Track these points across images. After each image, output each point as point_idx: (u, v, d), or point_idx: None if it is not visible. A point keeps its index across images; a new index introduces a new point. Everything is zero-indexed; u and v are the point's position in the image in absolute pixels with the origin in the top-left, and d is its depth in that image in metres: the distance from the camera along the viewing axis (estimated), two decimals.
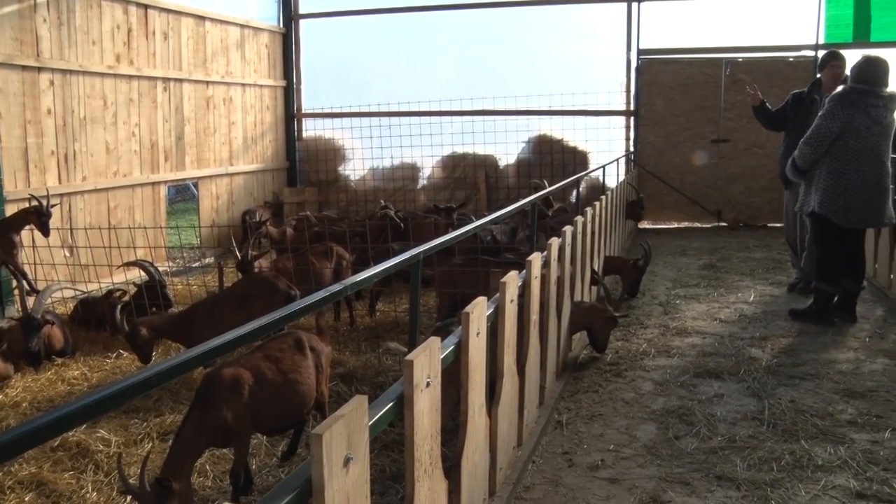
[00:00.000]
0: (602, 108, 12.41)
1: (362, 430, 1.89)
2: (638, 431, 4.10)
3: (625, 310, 6.54)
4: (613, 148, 12.27)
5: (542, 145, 12.59)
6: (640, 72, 12.07)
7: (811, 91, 7.07)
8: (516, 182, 12.55)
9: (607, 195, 7.23)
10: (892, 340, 5.74)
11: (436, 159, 13.05)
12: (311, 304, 2.42)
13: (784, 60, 11.71)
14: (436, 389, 2.39)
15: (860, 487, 3.43)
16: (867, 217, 5.89)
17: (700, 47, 12.05)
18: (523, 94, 12.29)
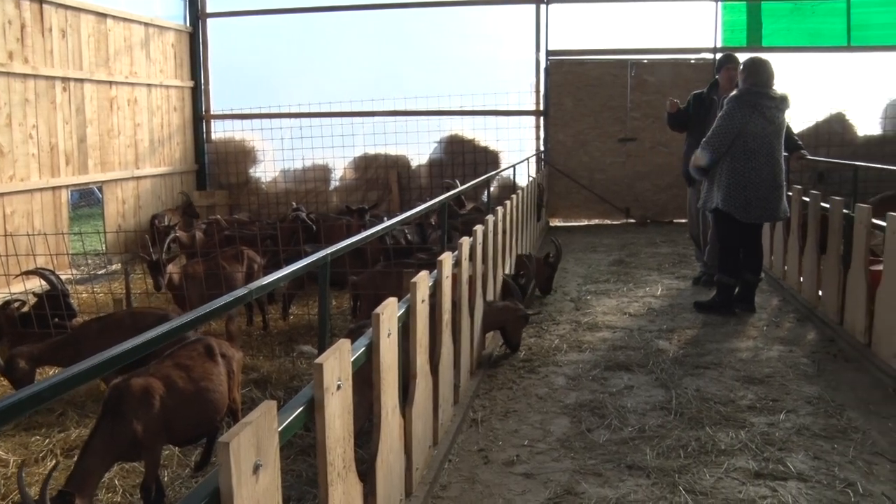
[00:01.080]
0: (512, 109, 12.59)
1: (272, 436, 1.87)
2: (552, 426, 4.17)
3: (537, 307, 6.66)
4: (524, 147, 12.48)
5: (454, 145, 12.69)
6: (549, 72, 12.30)
7: (710, 92, 7.38)
8: (428, 182, 12.61)
9: (518, 194, 7.34)
10: (787, 328, 6.03)
11: (348, 160, 12.99)
12: (213, 310, 2.36)
13: (686, 62, 12.14)
14: (347, 392, 2.38)
15: (758, 467, 3.58)
16: (765, 212, 6.17)
17: (607, 49, 12.37)
18: (435, 94, 12.37)
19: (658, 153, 12.14)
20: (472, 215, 8.29)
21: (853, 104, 12.45)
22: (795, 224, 6.92)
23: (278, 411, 1.99)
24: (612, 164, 12.32)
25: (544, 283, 7.10)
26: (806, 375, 4.90)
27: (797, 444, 3.84)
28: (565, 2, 12.30)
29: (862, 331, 5.27)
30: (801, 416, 4.23)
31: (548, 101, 12.37)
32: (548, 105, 12.38)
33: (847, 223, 5.62)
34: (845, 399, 4.47)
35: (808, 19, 12.10)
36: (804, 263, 6.68)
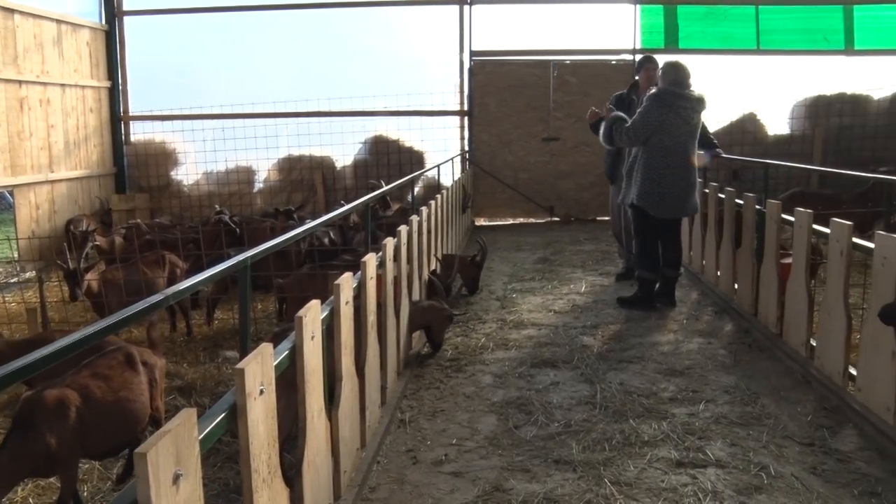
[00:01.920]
0: (437, 109, 12.63)
1: (192, 444, 1.83)
2: (479, 424, 4.20)
3: (463, 306, 6.70)
4: (449, 147, 12.52)
5: (379, 146, 12.67)
6: (473, 73, 12.39)
7: (630, 92, 7.58)
8: (354, 183, 12.54)
9: (443, 194, 7.36)
10: (706, 321, 6.23)
11: (272, 162, 12.82)
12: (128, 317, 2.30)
13: (607, 63, 12.40)
14: (270, 397, 2.34)
15: (680, 457, 3.69)
16: (677, 208, 6.36)
17: (529, 50, 12.53)
18: (359, 94, 12.31)
19: (581, 152, 12.37)
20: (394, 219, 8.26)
21: (764, 105, 12.95)
22: (712, 220, 7.14)
23: (199, 419, 1.96)
24: (535, 163, 12.49)
25: (471, 282, 7.15)
26: (723, 366, 5.07)
27: (715, 433, 3.97)
28: (488, 3, 12.40)
29: (774, 321, 5.48)
30: (719, 405, 4.37)
31: (472, 102, 12.45)
32: (472, 105, 12.46)
33: (759, 219, 5.84)
34: (759, 387, 4.65)
35: (721, 23, 12.54)
36: (721, 258, 6.91)
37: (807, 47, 12.60)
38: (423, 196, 10.90)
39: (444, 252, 7.47)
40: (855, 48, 12.62)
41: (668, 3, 12.47)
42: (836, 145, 12.84)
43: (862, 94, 12.92)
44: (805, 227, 4.91)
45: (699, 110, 6.28)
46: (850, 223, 4.36)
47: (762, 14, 12.55)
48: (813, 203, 7.95)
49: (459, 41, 12.41)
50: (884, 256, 3.91)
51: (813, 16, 12.56)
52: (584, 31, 12.72)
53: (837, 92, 12.86)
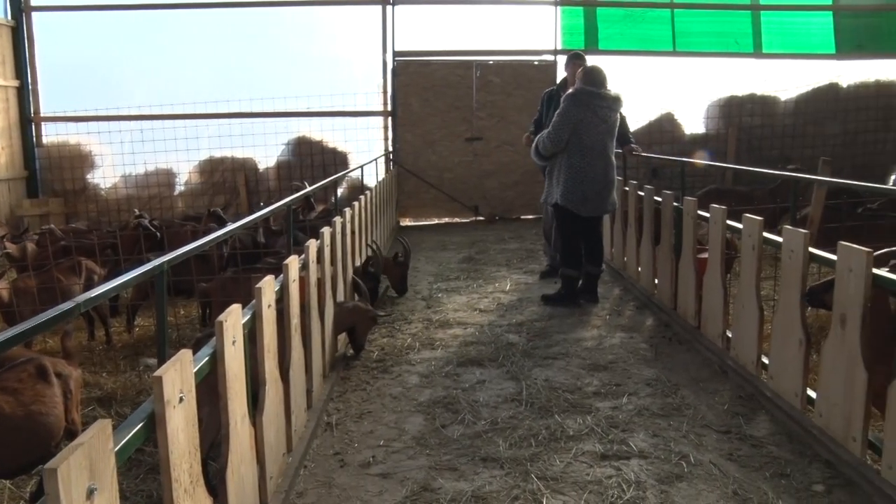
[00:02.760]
0: (360, 109, 12.57)
1: (107, 457, 1.77)
2: (406, 424, 4.19)
3: (389, 307, 6.69)
4: (373, 148, 12.48)
5: (303, 147, 12.53)
6: (396, 73, 12.37)
7: (559, 89, 7.72)
8: (277, 185, 12.37)
9: (367, 195, 7.33)
10: (628, 316, 6.37)
11: (193, 164, 12.53)
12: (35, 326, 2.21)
13: (529, 64, 12.56)
14: (190, 404, 2.29)
15: (604, 449, 3.77)
16: (598, 206, 6.49)
17: (452, 50, 12.58)
18: (282, 95, 12.15)
19: (504, 151, 12.49)
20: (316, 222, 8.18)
21: (680, 104, 13.35)
22: (633, 217, 7.31)
23: (115, 430, 1.90)
24: (459, 163, 12.56)
25: (398, 282, 7.13)
26: (645, 359, 5.20)
27: (638, 425, 4.07)
28: (411, 3, 12.40)
29: (692, 315, 5.65)
30: (642, 397, 4.48)
31: (395, 102, 12.44)
32: (395, 105, 12.45)
33: (677, 215, 6.01)
34: (679, 379, 4.79)
35: (639, 25, 12.87)
36: (641, 254, 7.07)
37: (719, 49, 13.06)
38: (348, 197, 10.83)
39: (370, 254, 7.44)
40: (763, 51, 13.16)
41: (587, 5, 12.72)
42: (749, 144, 13.35)
43: (770, 96, 13.46)
44: (719, 222, 5.08)
45: (616, 109, 6.42)
46: (760, 218, 4.53)
47: (677, 17, 12.95)
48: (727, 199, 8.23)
49: (382, 41, 12.38)
50: (791, 250, 4.07)
51: (724, 20, 13.03)
52: (507, 31, 12.87)
53: (748, 93, 13.37)
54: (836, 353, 3.64)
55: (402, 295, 7.14)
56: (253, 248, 7.31)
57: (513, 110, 12.42)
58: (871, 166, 13.73)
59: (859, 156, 13.65)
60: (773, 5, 13.10)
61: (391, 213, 11.18)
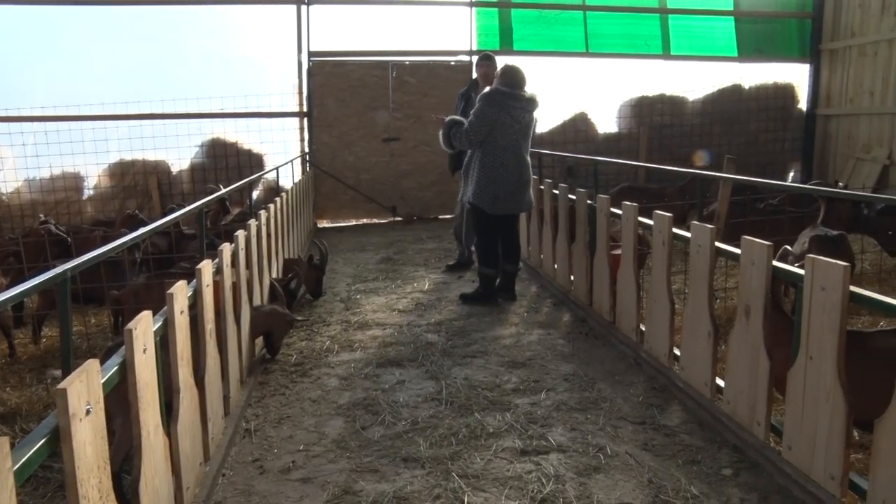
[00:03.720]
0: (276, 110, 12.38)
1: (4, 477, 1.69)
2: (326, 428, 4.16)
3: (307, 310, 6.62)
4: (289, 149, 12.31)
5: (217, 148, 12.26)
6: (312, 73, 12.22)
7: (469, 89, 7.81)
8: (191, 188, 12.07)
9: (282, 197, 7.23)
10: (545, 313, 6.47)
11: (102, 167, 12.07)
12: None
13: (445, 64, 12.60)
14: (98, 416, 2.21)
15: (524, 445, 3.82)
16: (512, 205, 6.57)
17: (368, 50, 12.50)
18: (194, 96, 11.84)
19: (421, 152, 12.52)
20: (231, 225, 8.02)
21: (594, 104, 13.65)
22: (548, 215, 7.43)
23: (13, 447, 1.81)
24: (377, 163, 12.52)
25: (313, 285, 7.06)
26: (563, 355, 5.29)
27: (556, 419, 4.14)
28: (326, 3, 12.28)
29: (607, 310, 5.79)
30: (560, 392, 4.56)
31: (311, 103, 12.29)
32: (311, 106, 12.30)
33: (591, 213, 6.13)
34: (595, 373, 4.89)
35: (553, 27, 13.09)
36: (557, 252, 7.19)
37: (630, 51, 13.42)
38: (264, 199, 10.65)
39: (287, 256, 7.34)
40: (671, 54, 13.58)
41: (502, 7, 12.86)
42: (659, 142, 13.77)
43: (679, 96, 13.92)
44: (631, 219, 5.22)
45: (530, 110, 6.50)
46: (670, 215, 4.67)
47: (590, 19, 13.22)
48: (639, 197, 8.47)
49: (297, 41, 12.21)
50: (699, 244, 4.21)
51: (635, 22, 13.40)
52: (423, 32, 12.87)
53: (658, 93, 13.78)
54: (742, 342, 3.79)
55: (318, 298, 7.07)
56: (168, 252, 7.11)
57: (429, 110, 12.41)
58: (772, 164, 14.41)
59: (762, 154, 14.29)
60: (680, 9, 13.55)
61: (308, 215, 11.06)
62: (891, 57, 12.50)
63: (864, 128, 13.19)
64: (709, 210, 7.11)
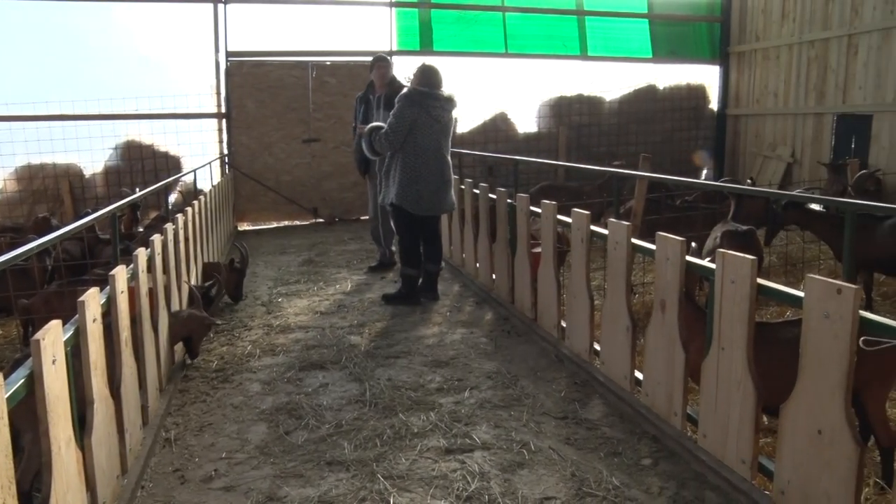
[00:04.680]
0: (193, 111, 12.09)
1: None
2: (249, 434, 4.09)
3: (227, 314, 6.50)
4: (207, 151, 12.03)
5: (132, 151, 11.89)
6: (230, 74, 11.98)
7: (367, 91, 7.81)
8: (105, 191, 11.68)
9: (201, 199, 7.08)
10: (468, 312, 6.51)
11: (8, 171, 11.55)
12: None
13: (365, 65, 12.48)
14: (3, 433, 2.12)
15: (448, 444, 3.84)
16: (435, 205, 6.59)
17: (288, 50, 12.34)
18: (108, 97, 11.45)
19: (342, 153, 12.43)
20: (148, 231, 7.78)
21: (514, 104, 13.82)
22: (469, 214, 7.48)
23: None
24: (297, 165, 12.37)
25: (233, 289, 6.93)
26: (486, 353, 5.34)
27: (481, 417, 4.18)
28: (243, 2, 12.06)
29: (529, 307, 5.86)
30: (483, 390, 4.60)
31: (230, 104, 12.05)
32: (230, 107, 12.06)
33: (511, 212, 6.21)
34: (518, 370, 4.96)
35: (473, 27, 13.19)
36: (479, 251, 7.25)
37: (548, 52, 13.64)
38: (182, 203, 10.40)
39: (207, 260, 7.19)
40: (588, 54, 13.87)
41: (422, 7, 12.89)
42: (578, 142, 14.05)
43: (596, 96, 14.23)
44: (550, 218, 5.30)
45: (449, 109, 6.54)
46: (587, 213, 4.76)
47: (509, 20, 13.38)
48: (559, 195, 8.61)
49: (215, 41, 11.95)
50: (616, 241, 4.32)
51: (553, 23, 13.63)
52: (343, 32, 12.77)
53: (576, 93, 14.05)
54: (658, 336, 3.90)
55: (238, 302, 6.95)
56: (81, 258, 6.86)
57: (349, 111, 12.33)
58: (686, 161, 14.88)
59: (676, 152, 14.75)
60: (596, 11, 13.84)
61: (228, 218, 10.85)
62: (791, 61, 13.09)
63: (769, 127, 13.75)
64: (625, 207, 7.29)
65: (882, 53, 11.20)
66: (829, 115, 12.37)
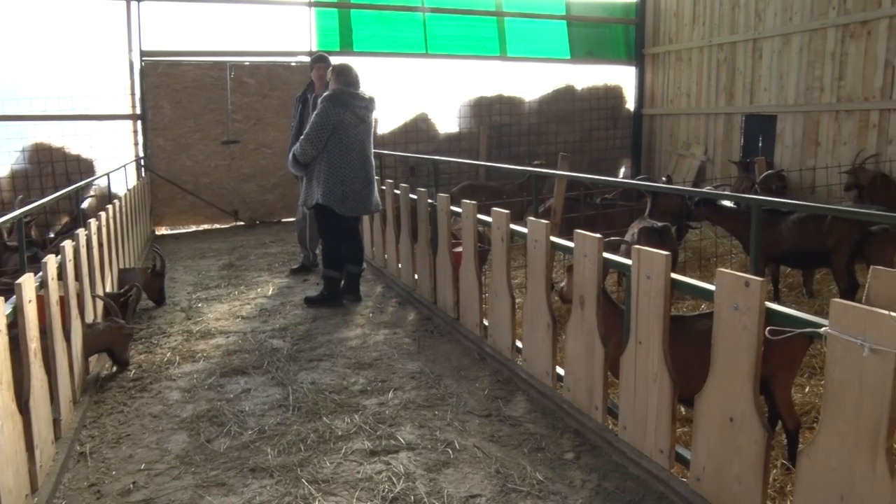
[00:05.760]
0: (106, 113, 11.71)
1: None
2: (169, 444, 3.99)
3: (146, 321, 6.33)
4: (122, 154, 11.67)
5: (41, 154, 11.43)
6: (145, 74, 11.64)
7: (306, 91, 7.70)
8: (12, 196, 11.20)
9: (115, 203, 6.87)
10: (391, 313, 6.51)
11: None
12: None
13: (285, 65, 12.38)
14: None
15: (373, 446, 3.84)
16: (360, 206, 6.56)
17: (205, 50, 12.06)
18: (13, 97, 10.97)
19: (262, 154, 12.25)
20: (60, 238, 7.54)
21: (434, 105, 13.86)
22: (391, 215, 7.47)
23: None
24: (216, 167, 12.12)
25: (154, 294, 6.76)
26: (409, 353, 5.35)
27: (405, 418, 4.19)
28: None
29: (452, 307, 5.90)
30: (407, 391, 4.61)
31: (145, 105, 11.71)
32: (145, 108, 11.72)
33: (432, 212, 6.23)
34: (442, 370, 4.98)
35: (393, 28, 13.18)
36: (401, 251, 7.25)
37: (468, 52, 13.74)
38: (96, 207, 10.06)
39: (123, 266, 6.98)
40: (508, 55, 14.04)
41: (342, 7, 12.80)
42: (499, 141, 14.21)
43: (516, 96, 14.42)
44: (471, 217, 5.34)
45: (372, 109, 6.54)
46: (507, 212, 4.82)
47: (429, 21, 13.43)
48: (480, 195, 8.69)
49: (128, 40, 11.59)
50: (535, 239, 4.38)
51: (472, 24, 13.74)
52: (262, 32, 12.56)
53: (496, 93, 14.20)
54: (578, 331, 3.99)
55: (160, 305, 6.78)
56: None
57: (269, 112, 12.22)
58: (605, 160, 15.23)
59: (595, 151, 15.08)
60: (515, 13, 14.02)
61: (145, 223, 10.56)
62: (703, 63, 13.54)
63: (683, 127, 14.19)
64: (545, 206, 7.40)
65: (783, 57, 11.71)
66: (738, 115, 12.84)
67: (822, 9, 10.93)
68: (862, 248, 5.99)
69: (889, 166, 9.82)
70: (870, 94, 10.27)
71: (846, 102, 10.61)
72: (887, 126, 10.02)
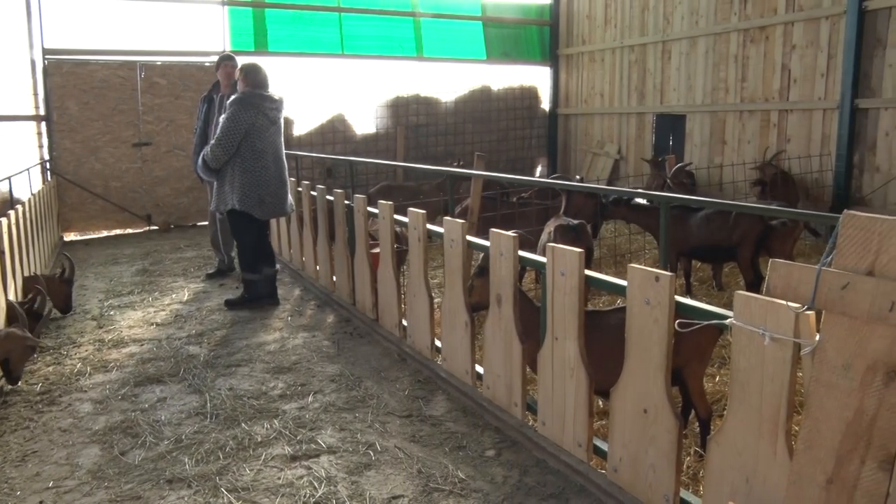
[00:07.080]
0: (6, 114, 11.20)
1: None
2: (80, 458, 3.86)
3: (54, 331, 6.10)
4: (25, 156, 11.19)
5: None
6: (49, 73, 11.19)
7: (212, 91, 7.56)
8: None
9: (18, 209, 6.59)
10: (309, 315, 6.46)
11: None
12: None
13: (198, 65, 12.10)
14: None
15: (294, 451, 3.81)
16: (277, 209, 6.49)
17: (113, 49, 11.67)
18: None
19: (175, 156, 11.95)
20: None
21: (351, 105, 13.81)
22: (308, 216, 7.41)
23: None
24: (128, 170, 11.76)
25: (60, 302, 6.52)
26: (328, 356, 5.32)
27: (325, 421, 4.17)
28: None
29: (370, 308, 5.90)
30: (327, 394, 4.59)
31: (49, 105, 11.26)
32: (49, 109, 11.27)
33: (349, 213, 6.21)
34: (362, 371, 4.98)
35: (309, 27, 13.06)
36: (318, 253, 7.20)
37: (384, 53, 13.74)
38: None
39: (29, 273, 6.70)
40: (424, 56, 14.09)
41: (256, 7, 12.60)
42: (416, 141, 14.25)
43: (433, 97, 14.49)
44: (388, 218, 5.35)
45: (281, 110, 6.47)
46: (423, 212, 4.85)
47: (344, 21, 13.35)
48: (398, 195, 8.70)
49: (29, 37, 11.11)
50: (452, 239, 4.42)
51: (388, 25, 13.74)
52: (174, 31, 12.24)
53: (413, 94, 14.24)
54: (496, 329, 4.04)
55: (67, 314, 6.55)
56: None
57: (182, 113, 11.93)
58: (521, 159, 15.46)
59: (511, 150, 15.29)
60: (431, 14, 14.08)
61: (53, 228, 10.15)
62: (615, 64, 13.91)
63: (597, 126, 14.53)
64: (462, 206, 7.47)
65: (690, 59, 12.14)
66: (649, 115, 13.24)
67: (725, 13, 11.39)
68: (765, 241, 6.27)
69: (788, 164, 10.30)
70: (769, 95, 10.75)
71: (749, 103, 11.09)
72: (786, 126, 10.52)
